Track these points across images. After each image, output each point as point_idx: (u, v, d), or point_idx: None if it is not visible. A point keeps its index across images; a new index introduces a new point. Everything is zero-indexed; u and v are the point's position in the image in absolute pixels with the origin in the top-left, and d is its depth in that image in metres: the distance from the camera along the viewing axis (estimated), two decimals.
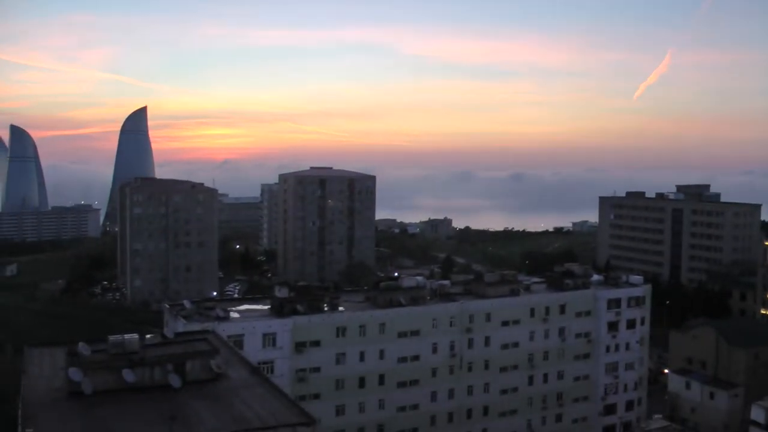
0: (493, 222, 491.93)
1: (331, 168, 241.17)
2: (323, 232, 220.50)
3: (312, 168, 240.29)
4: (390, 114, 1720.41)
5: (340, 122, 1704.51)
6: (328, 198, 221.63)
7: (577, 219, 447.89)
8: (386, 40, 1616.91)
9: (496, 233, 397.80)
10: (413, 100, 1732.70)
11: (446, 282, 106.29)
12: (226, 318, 78.94)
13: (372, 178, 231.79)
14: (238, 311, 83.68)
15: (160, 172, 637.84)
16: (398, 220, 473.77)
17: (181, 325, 73.42)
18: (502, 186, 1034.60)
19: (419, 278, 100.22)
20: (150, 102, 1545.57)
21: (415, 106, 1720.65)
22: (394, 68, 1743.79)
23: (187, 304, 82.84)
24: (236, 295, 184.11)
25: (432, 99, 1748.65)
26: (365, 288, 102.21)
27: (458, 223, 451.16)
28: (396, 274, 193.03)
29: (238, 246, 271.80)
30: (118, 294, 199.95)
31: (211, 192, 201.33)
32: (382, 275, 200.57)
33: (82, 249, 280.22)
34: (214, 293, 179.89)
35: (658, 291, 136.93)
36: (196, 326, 70.93)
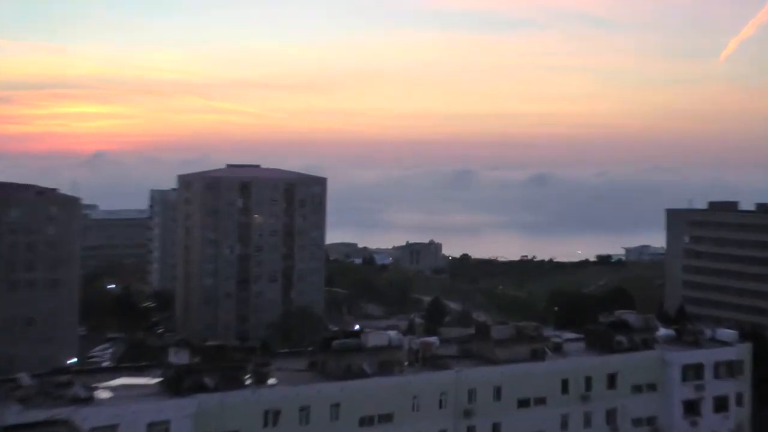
0: (505, 247, 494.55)
1: (258, 166, 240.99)
2: (246, 263, 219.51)
3: (230, 166, 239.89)
4: (350, 85, 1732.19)
5: (273, 97, 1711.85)
6: (253, 211, 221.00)
7: (633, 243, 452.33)
8: None
9: (510, 265, 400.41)
10: (384, 66, 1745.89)
11: (434, 339, 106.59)
12: (91, 400, 78.44)
13: (321, 182, 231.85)
14: (111, 388, 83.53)
15: None
16: (361, 245, 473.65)
17: (16, 413, 72.32)
18: (518, 193, 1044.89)
19: (392, 333, 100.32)
20: None
21: (387, 74, 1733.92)
22: (355, 17, 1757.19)
23: (25, 378, 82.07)
24: (108, 363, 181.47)
25: (412, 63, 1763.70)
26: (309, 349, 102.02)
27: (452, 249, 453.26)
28: (357, 327, 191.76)
29: (112, 285, 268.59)
30: None
31: (71, 202, 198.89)
32: (336, 329, 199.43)
33: None
34: (73, 360, 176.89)
35: (763, 352, 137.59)
36: (40, 414, 70.09)
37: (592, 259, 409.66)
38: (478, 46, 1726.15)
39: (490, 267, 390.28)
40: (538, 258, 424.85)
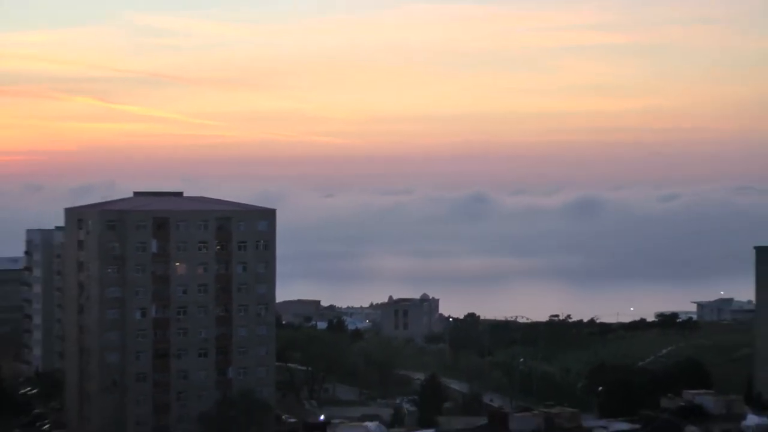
0: (529, 304, 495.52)
1: (180, 194, 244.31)
2: (165, 330, 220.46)
3: (139, 194, 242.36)
4: (311, 79, 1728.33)
5: (197, 97, 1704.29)
6: (174, 258, 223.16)
7: (710, 296, 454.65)
8: None
9: (535, 328, 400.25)
10: (360, 51, 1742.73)
11: None
12: None
13: (269, 215, 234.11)
14: None
15: None
16: (327, 304, 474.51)
17: None
18: (550, 226, 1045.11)
19: (371, 426, 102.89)
20: None
21: (363, 61, 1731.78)
22: None
23: None
24: None
25: (398, 47, 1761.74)
26: None
27: (453, 308, 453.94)
28: (322, 418, 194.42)
29: None
30: None
31: None
32: (293, 420, 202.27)
33: None
34: None
35: None
36: None
37: (651, 319, 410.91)
38: (487, 22, 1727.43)
39: (508, 332, 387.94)
40: (575, 318, 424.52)
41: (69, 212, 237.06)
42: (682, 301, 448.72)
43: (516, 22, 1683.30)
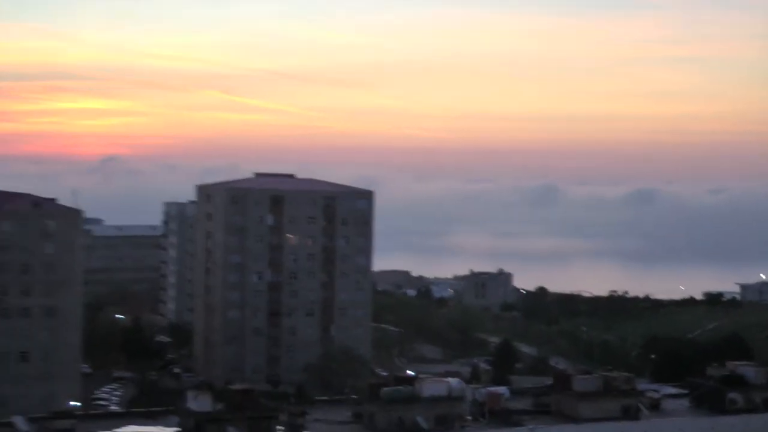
0: (592, 280, 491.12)
1: (293, 176, 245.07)
2: (278, 293, 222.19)
3: (259, 175, 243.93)
4: (405, 81, 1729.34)
5: (311, 94, 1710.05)
6: (287, 230, 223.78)
7: (752, 279, 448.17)
8: None
9: (597, 302, 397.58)
10: (447, 57, 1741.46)
11: (503, 390, 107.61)
12: None
13: (368, 196, 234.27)
14: None
15: None
16: (416, 274, 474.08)
17: None
18: (613, 213, 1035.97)
19: (453, 381, 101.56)
20: None
21: (450, 66, 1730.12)
22: None
23: (21, 422, 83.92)
24: (116, 407, 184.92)
25: (481, 54, 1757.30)
26: (354, 397, 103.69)
27: (525, 281, 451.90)
28: (410, 372, 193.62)
29: (120, 316, 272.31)
30: None
31: (72, 216, 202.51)
32: (385, 374, 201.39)
33: None
34: (75, 402, 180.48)
35: None
36: None
37: (699, 297, 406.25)
38: (560, 33, 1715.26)
39: (572, 304, 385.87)
40: (632, 294, 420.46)
41: (200, 189, 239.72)
42: (727, 283, 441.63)
43: (588, 35, 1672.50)
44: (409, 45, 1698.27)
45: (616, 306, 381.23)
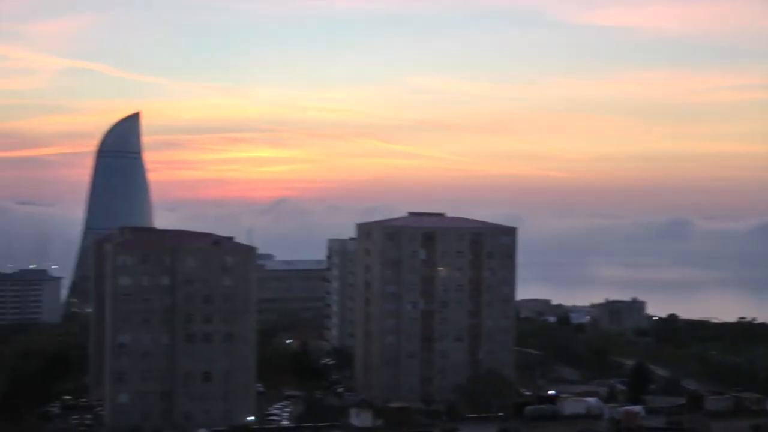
0: (720, 307, 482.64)
1: (443, 215, 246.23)
2: (430, 320, 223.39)
3: (412, 214, 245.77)
4: (541, 126, 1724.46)
5: (456, 140, 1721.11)
6: (438, 264, 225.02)
7: None
8: (534, 3, 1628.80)
9: (725, 327, 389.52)
10: (581, 103, 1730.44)
11: (638, 408, 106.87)
12: None
13: (511, 232, 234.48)
14: None
15: (164, 220, 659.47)
16: (555, 302, 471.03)
17: None
18: (740, 246, 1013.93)
19: (591, 401, 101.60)
20: (146, 106, 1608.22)
21: (584, 111, 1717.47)
22: (547, 49, 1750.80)
23: None
24: (287, 423, 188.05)
25: (609, 101, 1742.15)
26: (500, 414, 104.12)
27: (657, 308, 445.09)
28: (552, 392, 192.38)
29: (290, 341, 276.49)
30: (89, 416, 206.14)
31: (247, 252, 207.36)
32: (528, 394, 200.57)
33: (31, 342, 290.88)
34: (250, 418, 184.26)
35: None
36: None
37: None
38: (685, 79, 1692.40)
39: (702, 329, 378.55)
40: (760, 320, 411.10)
41: (360, 227, 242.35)
42: None
43: (708, 80, 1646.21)
44: (541, 96, 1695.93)
45: (745, 331, 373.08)
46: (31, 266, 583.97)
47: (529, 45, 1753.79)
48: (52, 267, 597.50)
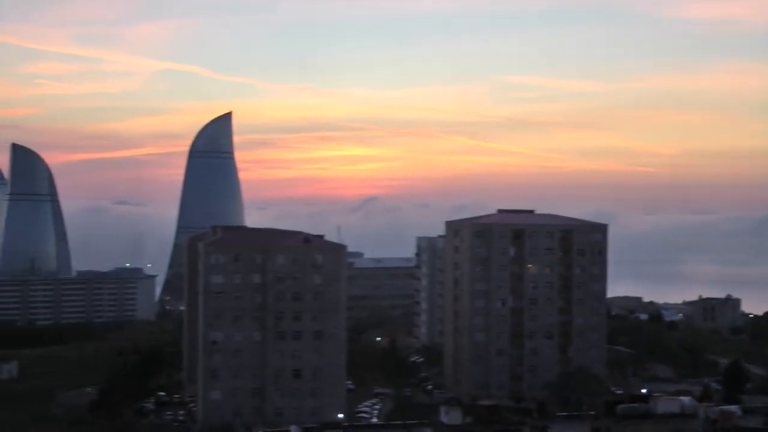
0: None
1: (532, 212, 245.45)
2: (519, 317, 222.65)
3: (501, 211, 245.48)
4: (631, 121, 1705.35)
5: (545, 136, 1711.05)
6: (527, 261, 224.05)
7: None
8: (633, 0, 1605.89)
9: None
10: (670, 97, 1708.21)
11: (734, 408, 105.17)
12: None
13: (602, 229, 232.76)
14: None
15: (255, 218, 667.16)
16: (647, 299, 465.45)
17: None
18: None
19: (685, 400, 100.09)
20: (236, 106, 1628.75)
21: (673, 107, 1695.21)
22: (635, 43, 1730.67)
23: (294, 431, 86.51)
24: (375, 420, 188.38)
25: (707, 95, 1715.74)
26: (591, 413, 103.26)
27: (753, 306, 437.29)
28: (644, 391, 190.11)
29: (379, 338, 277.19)
30: (183, 412, 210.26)
31: (337, 250, 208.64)
32: (620, 392, 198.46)
33: (126, 339, 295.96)
34: (340, 415, 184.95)
35: None
36: None
37: None
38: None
39: None
40: None
41: (448, 224, 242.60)
42: None
43: None
44: (632, 88, 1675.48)
45: None
46: (127, 265, 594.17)
47: (617, 40, 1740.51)
48: (147, 265, 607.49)
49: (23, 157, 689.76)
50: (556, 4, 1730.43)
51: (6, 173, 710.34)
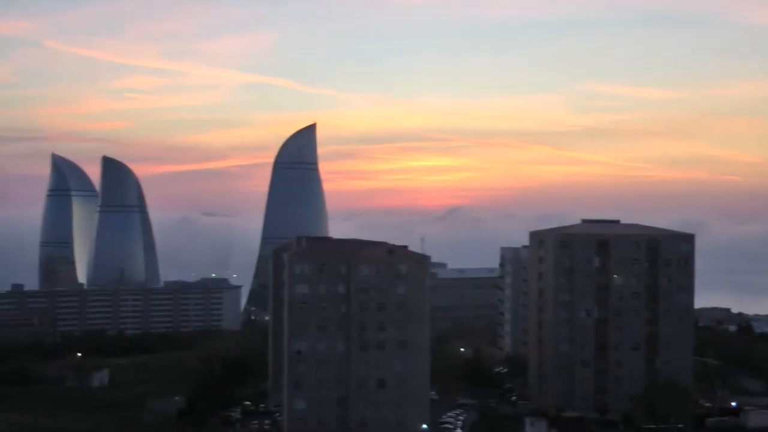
0: None
1: (618, 221, 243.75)
2: (604, 328, 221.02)
3: (585, 222, 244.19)
4: (717, 129, 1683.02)
5: (630, 146, 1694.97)
6: (612, 271, 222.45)
7: None
8: (708, 3, 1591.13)
9: None
10: (757, 105, 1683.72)
11: None
12: None
13: (689, 239, 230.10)
14: None
15: (339, 229, 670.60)
16: (736, 311, 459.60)
17: None
18: None
19: None
20: (320, 117, 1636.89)
21: (760, 114, 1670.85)
22: (721, 51, 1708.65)
23: None
24: (459, 430, 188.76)
25: None
26: (679, 426, 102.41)
27: None
28: (734, 404, 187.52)
29: (462, 349, 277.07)
30: (268, 422, 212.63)
31: (421, 261, 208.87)
32: (709, 405, 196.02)
33: (213, 348, 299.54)
34: (424, 426, 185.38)
35: None
36: None
37: None
38: None
39: None
40: None
41: (532, 235, 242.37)
42: None
43: None
44: (719, 96, 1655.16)
45: None
46: (213, 275, 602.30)
47: (701, 47, 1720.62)
48: (233, 276, 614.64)
49: (113, 169, 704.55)
50: (638, 12, 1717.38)
51: (97, 185, 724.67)
